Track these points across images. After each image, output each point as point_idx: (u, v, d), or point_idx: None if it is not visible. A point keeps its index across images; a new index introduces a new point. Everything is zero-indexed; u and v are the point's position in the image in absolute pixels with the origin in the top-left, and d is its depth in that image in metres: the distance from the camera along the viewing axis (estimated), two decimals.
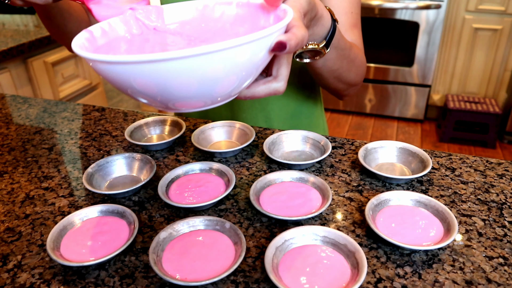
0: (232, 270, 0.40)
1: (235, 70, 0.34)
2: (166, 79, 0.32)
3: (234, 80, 0.35)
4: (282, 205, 0.50)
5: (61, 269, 0.43)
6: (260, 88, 0.41)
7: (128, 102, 3.31)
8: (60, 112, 0.81)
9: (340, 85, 0.65)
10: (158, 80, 0.32)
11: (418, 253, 0.44)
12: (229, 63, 0.33)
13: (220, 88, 0.35)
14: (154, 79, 0.32)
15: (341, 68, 0.60)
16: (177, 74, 0.32)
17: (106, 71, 0.33)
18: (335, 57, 0.56)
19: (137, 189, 0.54)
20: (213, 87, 0.35)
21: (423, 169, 0.55)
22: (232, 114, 0.77)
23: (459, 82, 2.53)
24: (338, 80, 0.63)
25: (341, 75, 0.61)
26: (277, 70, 0.41)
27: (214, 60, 0.32)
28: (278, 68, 0.41)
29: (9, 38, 1.45)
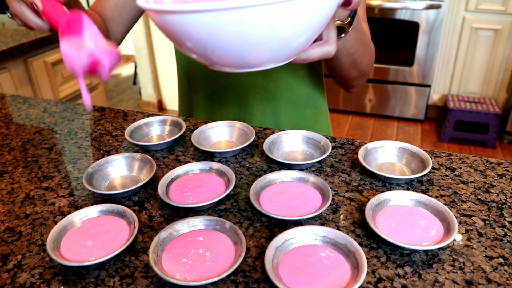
0: (232, 270, 0.40)
1: (309, 23, 0.34)
2: (241, 28, 0.32)
3: (306, 33, 0.35)
4: (282, 205, 0.50)
5: (61, 269, 0.43)
6: (314, 51, 0.43)
7: (128, 102, 3.32)
8: (60, 112, 0.81)
9: (353, 73, 0.66)
10: (235, 29, 0.32)
11: (418, 253, 0.44)
12: (304, 15, 0.33)
13: (293, 42, 0.35)
14: (230, 28, 0.31)
15: (357, 53, 0.61)
16: (252, 24, 0.31)
17: (177, 23, 0.33)
18: (354, 39, 0.58)
19: (137, 189, 0.54)
20: (289, 40, 0.35)
21: (423, 169, 0.55)
22: (240, 110, 0.77)
23: (459, 82, 2.53)
24: (353, 66, 0.64)
25: (356, 60, 0.63)
26: (327, 34, 0.44)
27: (293, 9, 0.31)
28: (328, 32, 0.44)
29: (9, 38, 1.45)
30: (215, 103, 0.78)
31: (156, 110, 3.08)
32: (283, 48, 0.36)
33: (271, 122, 0.77)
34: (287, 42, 0.35)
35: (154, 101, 3.09)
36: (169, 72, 2.98)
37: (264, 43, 0.34)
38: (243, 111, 0.76)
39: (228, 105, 0.77)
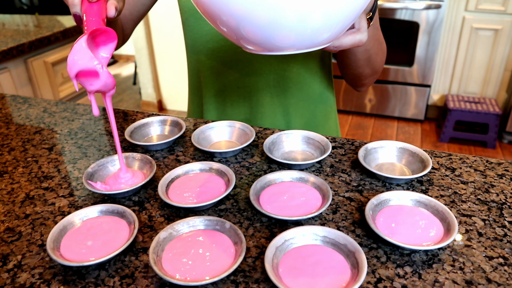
0: (232, 270, 0.40)
1: (348, 10, 0.35)
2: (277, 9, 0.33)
3: (342, 22, 0.37)
4: (282, 205, 0.50)
5: (61, 269, 0.43)
6: (347, 38, 0.45)
7: (128, 102, 3.32)
8: (60, 112, 0.81)
9: (366, 70, 0.67)
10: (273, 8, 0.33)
11: (418, 253, 0.44)
12: (341, 3, 0.34)
13: (329, 27, 0.36)
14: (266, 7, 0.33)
15: (372, 49, 0.62)
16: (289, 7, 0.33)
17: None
18: (371, 35, 0.59)
19: (137, 189, 0.54)
20: (324, 27, 0.36)
21: (423, 169, 0.55)
22: (251, 109, 0.77)
23: (459, 82, 2.53)
24: (367, 63, 0.65)
25: (371, 57, 0.64)
26: (359, 23, 0.45)
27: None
28: (360, 21, 0.45)
29: (9, 38, 1.45)
30: (226, 103, 0.78)
31: (156, 110, 3.08)
32: (313, 34, 0.37)
33: (281, 121, 0.77)
34: (318, 29, 0.36)
35: (154, 101, 3.09)
36: (169, 72, 2.98)
37: (293, 26, 0.35)
38: (254, 110, 0.76)
39: (239, 104, 0.77)
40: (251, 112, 0.77)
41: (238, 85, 0.75)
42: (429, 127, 2.68)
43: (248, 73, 0.73)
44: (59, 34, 1.53)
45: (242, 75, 0.73)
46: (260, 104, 0.76)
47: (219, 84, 0.76)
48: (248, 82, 0.74)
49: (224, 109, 0.79)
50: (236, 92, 0.76)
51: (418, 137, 2.56)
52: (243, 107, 0.77)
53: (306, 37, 0.37)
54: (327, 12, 0.35)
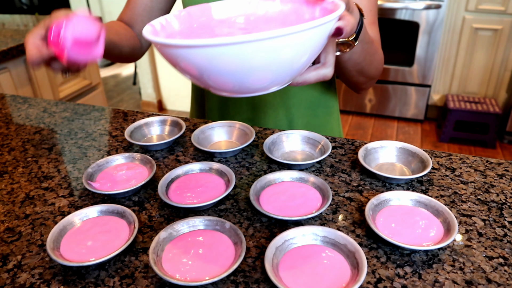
0: (232, 270, 0.40)
1: (303, 52, 0.36)
2: (243, 62, 0.34)
3: (300, 62, 0.38)
4: (282, 205, 0.50)
5: (61, 269, 0.43)
6: (311, 74, 0.45)
7: (128, 102, 3.32)
8: (60, 112, 0.81)
9: (361, 79, 0.67)
10: (237, 63, 0.34)
11: (418, 253, 0.44)
12: (299, 46, 0.35)
13: (288, 70, 0.37)
14: (233, 62, 0.34)
15: (364, 62, 0.62)
16: (251, 57, 0.34)
17: (186, 56, 0.34)
18: (360, 50, 0.59)
19: (137, 189, 0.54)
20: (284, 68, 0.37)
21: (423, 169, 0.55)
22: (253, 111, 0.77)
23: (459, 82, 2.53)
24: (360, 74, 0.65)
25: (363, 68, 0.64)
26: (325, 57, 0.45)
27: (286, 43, 0.34)
28: (326, 55, 0.45)
29: (9, 38, 1.45)
30: (228, 102, 0.78)
31: (156, 110, 3.08)
32: (278, 76, 0.38)
33: (284, 121, 0.77)
34: (281, 71, 0.37)
35: (154, 101, 3.09)
36: (169, 72, 2.98)
37: (258, 73, 0.36)
38: (256, 109, 0.76)
39: (242, 103, 0.77)
40: (254, 112, 0.77)
41: None
42: (429, 127, 2.68)
43: None
44: None
45: None
46: (263, 103, 0.76)
47: None
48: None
49: (226, 108, 0.79)
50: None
51: (418, 137, 2.56)
52: (246, 106, 0.77)
53: (265, 82, 0.38)
54: (280, 58, 0.35)
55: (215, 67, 0.34)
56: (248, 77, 0.36)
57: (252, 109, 0.77)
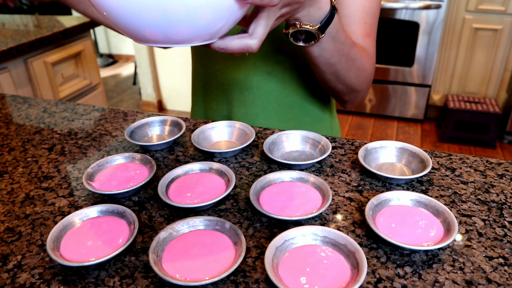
0: (232, 270, 0.40)
1: (214, 4, 0.36)
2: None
3: (210, 15, 0.38)
4: (282, 205, 0.50)
5: (61, 269, 0.43)
6: (234, 42, 0.44)
7: (128, 102, 3.32)
8: (60, 112, 0.81)
9: (339, 86, 0.64)
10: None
11: (418, 253, 0.44)
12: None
13: (197, 19, 0.37)
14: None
15: (338, 64, 0.59)
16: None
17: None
18: (333, 49, 0.56)
19: (137, 189, 0.54)
20: (193, 15, 0.37)
21: (423, 169, 0.55)
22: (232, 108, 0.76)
23: (459, 82, 2.53)
24: (336, 79, 0.62)
25: (339, 72, 0.61)
26: (253, 29, 0.44)
27: None
28: (256, 27, 0.44)
29: (9, 38, 1.45)
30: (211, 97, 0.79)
31: (156, 110, 3.08)
32: (195, 28, 0.38)
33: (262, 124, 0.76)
34: (198, 23, 0.38)
35: (154, 101, 3.09)
36: (169, 72, 2.98)
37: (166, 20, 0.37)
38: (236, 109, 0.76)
39: (222, 100, 0.77)
40: (233, 111, 0.77)
41: (222, 81, 0.75)
42: (429, 127, 2.68)
43: (234, 71, 0.73)
44: (59, 34, 1.53)
45: (226, 72, 0.74)
46: (242, 103, 0.75)
47: (207, 78, 0.78)
48: (231, 79, 0.74)
49: (210, 105, 0.80)
50: (221, 88, 0.76)
51: (418, 137, 2.56)
52: (226, 104, 0.77)
53: (175, 31, 0.39)
54: (187, 6, 0.36)
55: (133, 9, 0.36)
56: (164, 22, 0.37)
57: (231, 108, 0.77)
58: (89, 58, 1.70)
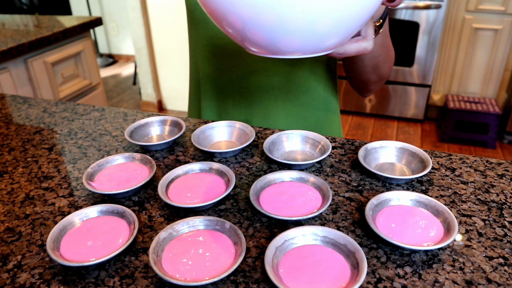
0: (232, 270, 0.40)
1: (355, 15, 0.35)
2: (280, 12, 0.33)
3: (349, 27, 0.37)
4: (282, 205, 0.50)
5: (61, 269, 0.43)
6: (352, 46, 0.45)
7: (128, 102, 3.32)
8: (60, 112, 0.81)
9: (373, 77, 0.67)
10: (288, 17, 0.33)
11: (418, 253, 0.44)
12: (354, 5, 0.34)
13: (331, 35, 0.37)
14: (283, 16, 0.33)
15: (380, 56, 0.62)
16: (292, 9, 0.33)
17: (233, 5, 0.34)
18: (380, 42, 0.59)
19: (137, 189, 0.54)
20: (327, 32, 0.36)
21: (423, 169, 0.55)
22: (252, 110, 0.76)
23: (459, 82, 2.53)
24: (374, 70, 0.65)
25: (378, 64, 0.64)
26: (365, 31, 0.45)
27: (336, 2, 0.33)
28: (367, 29, 0.45)
29: (9, 38, 1.45)
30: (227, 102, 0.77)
31: (156, 110, 3.08)
32: (319, 39, 0.37)
33: (283, 124, 0.76)
34: (324, 34, 0.36)
35: (154, 101, 3.09)
36: (169, 72, 2.98)
37: (299, 30, 0.35)
38: (256, 111, 0.76)
39: (241, 104, 0.76)
40: (252, 113, 0.76)
41: (241, 84, 0.74)
42: (429, 127, 2.68)
43: (253, 73, 0.73)
44: (59, 34, 1.53)
45: (245, 74, 0.73)
46: (263, 105, 0.75)
47: (221, 82, 0.76)
48: (250, 83, 0.73)
49: (225, 108, 0.78)
50: (239, 92, 0.75)
51: (418, 137, 2.56)
52: (245, 107, 0.76)
53: (311, 42, 0.37)
54: (334, 18, 0.35)
55: (255, 20, 0.34)
56: (284, 33, 0.36)
57: (251, 110, 0.76)
58: (89, 58, 1.71)
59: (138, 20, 2.77)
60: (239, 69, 0.73)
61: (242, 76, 0.73)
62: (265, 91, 0.74)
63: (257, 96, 0.75)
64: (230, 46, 0.71)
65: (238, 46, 0.70)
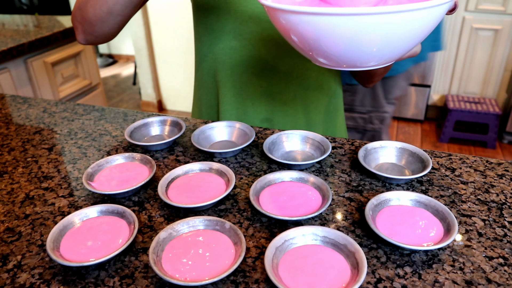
0: (232, 270, 0.40)
1: (427, 27, 0.36)
2: (373, 33, 0.34)
3: (413, 42, 0.38)
4: (282, 205, 0.50)
5: (61, 269, 0.43)
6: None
7: (128, 102, 3.32)
8: (60, 112, 0.81)
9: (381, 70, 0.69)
10: (363, 34, 0.34)
11: (418, 253, 0.44)
12: (427, 20, 0.35)
13: (401, 49, 0.38)
14: (360, 33, 0.34)
15: None
16: (361, 30, 0.34)
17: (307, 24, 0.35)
18: None
19: (137, 189, 0.54)
20: (397, 47, 0.37)
21: (423, 169, 0.55)
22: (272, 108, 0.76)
23: (459, 82, 2.53)
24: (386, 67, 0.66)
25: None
26: None
27: (417, 17, 0.34)
28: None
29: (9, 38, 1.45)
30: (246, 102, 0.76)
31: (156, 110, 3.08)
32: (390, 53, 0.38)
33: (302, 118, 0.77)
34: (395, 49, 0.38)
35: (154, 101, 3.09)
36: (169, 72, 2.98)
37: (370, 48, 0.36)
38: (277, 108, 0.76)
39: (261, 103, 0.76)
40: (273, 111, 0.76)
41: (260, 84, 0.74)
42: (429, 127, 2.68)
43: (272, 71, 0.73)
44: (59, 34, 1.53)
45: (264, 74, 0.73)
46: (283, 102, 0.76)
47: (240, 83, 0.75)
48: (270, 80, 0.74)
49: (244, 109, 0.77)
50: (258, 91, 0.75)
51: (418, 137, 2.56)
52: (265, 106, 0.76)
53: (386, 56, 0.39)
54: (408, 37, 0.36)
55: (320, 37, 0.35)
56: (370, 50, 0.36)
57: (271, 108, 0.76)
58: (89, 58, 1.71)
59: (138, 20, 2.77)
60: (258, 70, 0.73)
61: (261, 76, 0.74)
62: (284, 88, 0.74)
63: (278, 94, 0.75)
64: (247, 47, 0.71)
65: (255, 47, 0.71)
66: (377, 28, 0.34)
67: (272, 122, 0.76)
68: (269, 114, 0.76)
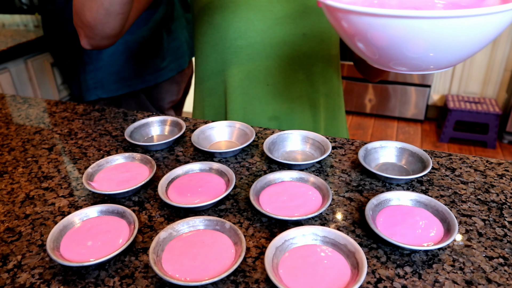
0: (232, 270, 0.40)
1: (488, 35, 0.36)
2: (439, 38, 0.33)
3: (482, 46, 0.37)
4: (282, 205, 0.50)
5: (61, 269, 0.43)
6: None
7: None
8: (60, 112, 0.81)
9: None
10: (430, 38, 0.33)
11: (418, 253, 0.44)
12: (498, 25, 0.34)
13: (470, 52, 0.37)
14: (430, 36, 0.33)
15: None
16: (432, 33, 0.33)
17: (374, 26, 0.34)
18: None
19: (137, 189, 0.54)
20: (467, 50, 0.36)
21: (423, 169, 0.55)
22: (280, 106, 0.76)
23: (459, 82, 2.53)
24: None
25: None
26: None
27: (489, 21, 0.33)
28: None
29: (9, 38, 1.45)
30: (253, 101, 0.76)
31: None
32: (458, 57, 0.38)
33: (309, 116, 0.77)
34: (464, 52, 0.37)
35: None
36: None
37: (439, 53, 0.36)
38: (284, 106, 0.76)
39: (268, 101, 0.76)
40: (280, 109, 0.76)
41: (267, 82, 0.74)
42: (429, 127, 2.68)
43: (279, 69, 0.73)
44: None
45: (271, 72, 0.73)
46: (290, 100, 0.76)
47: (247, 82, 0.75)
48: (278, 78, 0.74)
49: (252, 108, 0.76)
50: (266, 89, 0.75)
51: (418, 137, 2.56)
52: (272, 104, 0.76)
53: (464, 57, 0.38)
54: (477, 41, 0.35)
55: (411, 40, 0.34)
56: (438, 54, 0.36)
57: (279, 106, 0.76)
58: None
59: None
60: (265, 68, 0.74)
61: (268, 74, 0.74)
62: (291, 85, 0.75)
63: (285, 92, 0.75)
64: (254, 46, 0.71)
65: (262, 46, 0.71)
66: (464, 30, 0.33)
67: (280, 120, 0.76)
68: (277, 112, 0.77)
